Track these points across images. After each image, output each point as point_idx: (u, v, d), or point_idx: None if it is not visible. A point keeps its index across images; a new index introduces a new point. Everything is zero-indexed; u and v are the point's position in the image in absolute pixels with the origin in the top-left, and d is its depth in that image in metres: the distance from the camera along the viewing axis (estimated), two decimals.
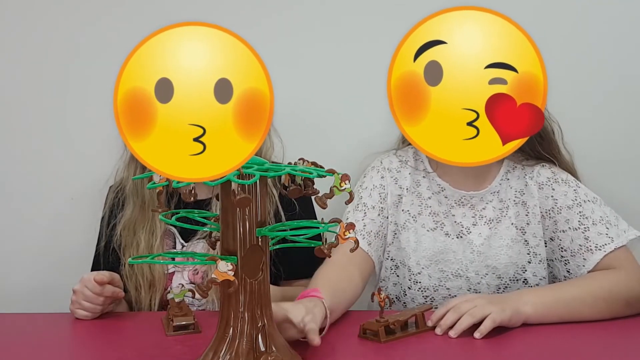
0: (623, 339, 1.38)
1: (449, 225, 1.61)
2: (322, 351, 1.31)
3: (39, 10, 1.96)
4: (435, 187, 1.62)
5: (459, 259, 1.59)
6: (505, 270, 1.58)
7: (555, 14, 1.90)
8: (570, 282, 1.53)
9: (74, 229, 1.96)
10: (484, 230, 1.60)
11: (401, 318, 1.36)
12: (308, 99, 1.93)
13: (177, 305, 1.45)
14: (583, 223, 1.53)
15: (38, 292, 1.99)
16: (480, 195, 1.60)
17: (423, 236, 1.61)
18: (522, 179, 1.60)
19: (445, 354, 1.31)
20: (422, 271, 1.60)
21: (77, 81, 1.96)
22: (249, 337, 1.11)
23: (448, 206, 1.61)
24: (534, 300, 1.41)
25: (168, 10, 1.86)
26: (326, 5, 1.94)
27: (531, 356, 1.29)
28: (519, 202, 1.60)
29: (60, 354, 1.37)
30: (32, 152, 1.99)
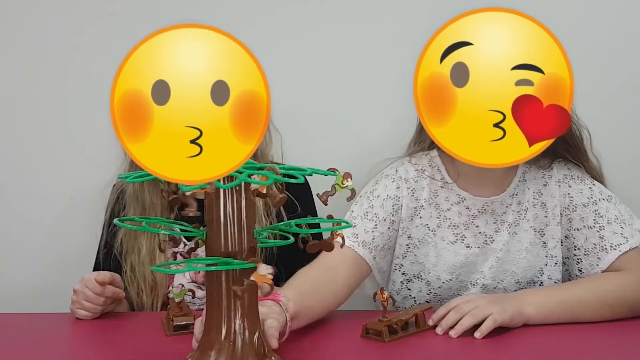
0: (625, 339, 1.37)
1: (471, 236, 1.56)
2: (325, 351, 1.32)
3: (37, 12, 1.96)
4: (454, 197, 1.56)
5: (479, 268, 1.57)
6: (524, 274, 1.56)
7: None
8: (578, 283, 1.51)
9: (74, 229, 1.96)
10: (504, 235, 1.56)
11: (403, 317, 1.37)
12: (306, 99, 1.93)
13: (177, 305, 1.45)
14: (598, 222, 1.52)
15: (38, 292, 1.99)
16: (500, 199, 1.56)
17: (443, 249, 1.56)
18: (540, 179, 1.58)
19: (448, 353, 1.31)
20: (443, 285, 1.58)
21: (76, 82, 1.96)
22: (235, 346, 1.11)
23: (470, 216, 1.56)
24: (537, 302, 1.40)
25: (164, 13, 1.86)
26: (324, 5, 1.94)
27: (532, 356, 1.29)
28: (537, 203, 1.57)
29: (60, 354, 1.37)
30: (32, 153, 1.99)
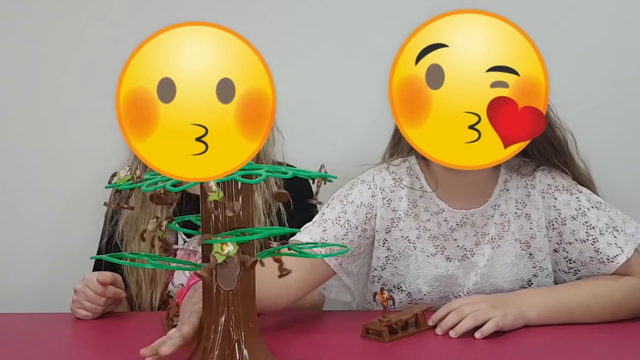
0: (626, 339, 1.38)
1: (450, 249, 1.53)
2: (325, 351, 1.32)
3: (42, 9, 1.96)
4: (433, 207, 1.52)
5: (461, 283, 1.53)
6: (510, 287, 1.52)
7: (556, 16, 1.90)
8: (581, 285, 1.48)
9: (74, 229, 1.96)
10: (486, 249, 1.52)
11: (403, 317, 1.37)
12: (310, 97, 1.93)
13: (177, 305, 1.44)
14: (590, 234, 1.47)
15: (38, 292, 1.99)
16: (481, 211, 1.51)
17: (423, 262, 1.53)
18: (523, 188, 1.53)
19: (448, 353, 1.31)
20: (424, 297, 1.54)
21: (78, 81, 1.96)
22: (221, 351, 1.09)
23: (449, 229, 1.52)
24: (539, 305, 1.40)
25: (170, 10, 1.86)
26: (329, 4, 1.94)
27: (533, 356, 1.29)
28: (521, 214, 1.52)
29: (60, 354, 1.37)
30: (33, 152, 1.99)
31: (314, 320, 1.50)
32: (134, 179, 1.07)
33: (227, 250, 1.01)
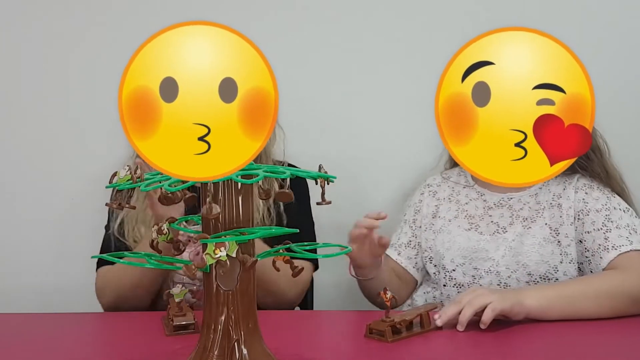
0: (628, 337, 1.38)
1: (484, 225, 1.68)
2: (328, 351, 1.32)
3: (43, 8, 1.96)
4: (474, 194, 1.73)
5: (491, 256, 1.64)
6: (536, 267, 1.62)
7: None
8: (574, 279, 1.58)
9: (74, 229, 1.96)
10: (518, 228, 1.66)
11: (407, 318, 1.37)
12: (312, 97, 1.93)
13: (177, 305, 1.44)
14: (606, 225, 1.58)
15: (38, 292, 1.99)
16: (518, 196, 1.69)
17: (458, 236, 1.69)
18: (562, 184, 1.67)
19: (451, 353, 1.32)
20: (457, 268, 1.67)
21: (80, 80, 1.96)
22: (220, 351, 1.09)
23: (486, 208, 1.69)
24: (537, 294, 1.43)
25: (172, 10, 1.87)
26: (332, 3, 1.94)
27: (538, 356, 1.29)
28: (555, 204, 1.66)
29: (60, 354, 1.36)
30: (33, 152, 1.99)
31: (315, 321, 1.50)
32: (134, 178, 1.07)
33: (219, 255, 1.01)
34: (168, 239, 1.12)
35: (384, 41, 1.89)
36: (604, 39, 1.94)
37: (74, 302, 1.67)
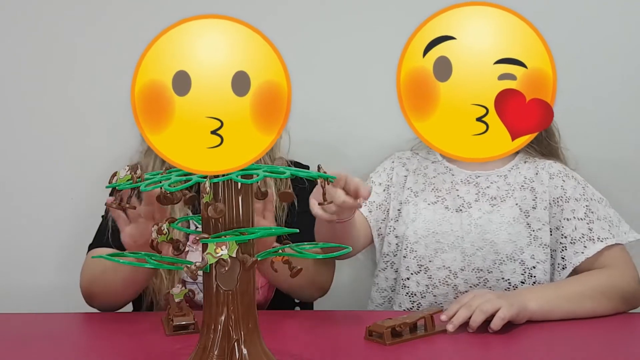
0: (630, 336, 1.41)
1: (450, 200, 1.68)
2: (326, 353, 1.31)
3: (51, 2, 1.95)
4: (442, 168, 1.73)
5: (455, 230, 1.64)
6: (503, 246, 1.61)
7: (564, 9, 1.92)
8: (568, 280, 1.58)
9: (74, 229, 1.95)
10: (484, 206, 1.66)
11: (409, 320, 1.35)
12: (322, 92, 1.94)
13: (177, 305, 1.44)
14: (588, 215, 1.60)
15: (39, 292, 1.98)
16: (486, 174, 1.69)
17: (424, 209, 1.68)
18: (534, 169, 1.68)
19: (452, 357, 1.31)
20: (419, 240, 1.65)
21: (79, 81, 1.95)
22: (220, 351, 1.09)
23: (453, 183, 1.70)
24: (537, 297, 1.44)
25: (185, 3, 1.86)
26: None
27: (539, 359, 1.29)
28: (527, 187, 1.66)
29: (60, 354, 1.35)
30: (34, 152, 1.98)
31: (315, 321, 1.50)
32: (134, 178, 1.07)
33: (220, 254, 1.01)
34: (168, 239, 1.11)
35: (390, 34, 1.89)
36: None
37: (74, 302, 1.66)
